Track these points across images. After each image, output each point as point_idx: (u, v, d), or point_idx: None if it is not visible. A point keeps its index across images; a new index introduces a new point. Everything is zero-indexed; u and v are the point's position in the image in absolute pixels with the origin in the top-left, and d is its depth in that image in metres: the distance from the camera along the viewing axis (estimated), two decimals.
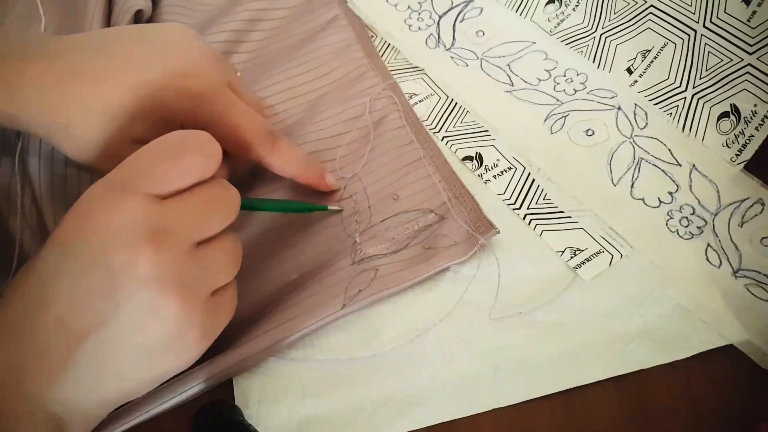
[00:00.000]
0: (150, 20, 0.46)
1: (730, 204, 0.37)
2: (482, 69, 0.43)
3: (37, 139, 0.39)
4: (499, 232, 0.35)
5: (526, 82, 0.43)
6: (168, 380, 0.31)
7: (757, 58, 0.38)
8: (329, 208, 0.37)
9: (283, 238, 0.36)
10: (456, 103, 0.42)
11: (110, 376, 0.26)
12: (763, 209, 0.36)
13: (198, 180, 0.27)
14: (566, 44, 0.44)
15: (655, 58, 0.41)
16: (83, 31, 0.41)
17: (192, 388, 0.31)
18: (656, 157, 0.39)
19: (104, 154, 0.32)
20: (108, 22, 0.45)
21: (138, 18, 0.45)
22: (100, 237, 0.25)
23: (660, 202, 0.37)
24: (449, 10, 0.46)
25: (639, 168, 0.38)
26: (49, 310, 0.25)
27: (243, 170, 0.38)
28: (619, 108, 0.41)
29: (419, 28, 0.46)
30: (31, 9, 0.43)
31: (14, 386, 0.24)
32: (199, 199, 0.27)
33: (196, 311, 0.26)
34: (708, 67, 0.39)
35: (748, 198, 0.37)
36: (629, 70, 0.42)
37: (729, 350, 0.33)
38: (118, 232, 0.24)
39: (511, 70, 0.43)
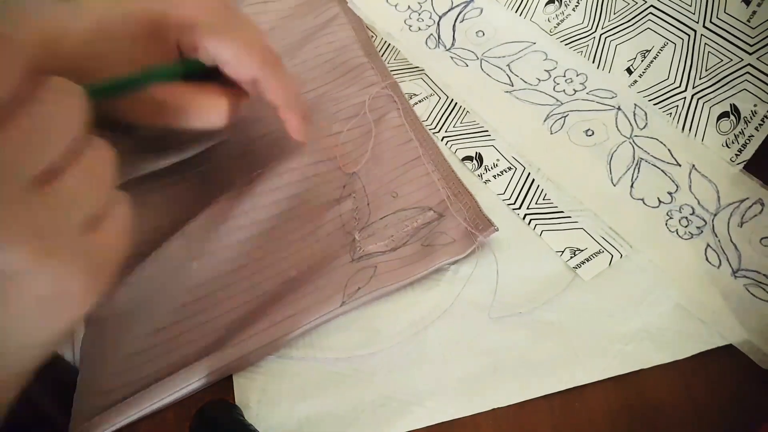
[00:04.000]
0: None
1: (730, 204, 0.37)
2: (482, 69, 0.43)
3: None
4: (497, 230, 0.35)
5: (525, 82, 0.43)
6: (167, 376, 0.31)
7: (757, 58, 0.38)
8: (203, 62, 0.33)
9: (282, 236, 0.37)
10: (456, 104, 0.42)
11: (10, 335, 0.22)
12: (762, 209, 0.36)
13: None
14: (566, 44, 0.44)
15: (654, 58, 0.41)
16: None
17: (192, 384, 0.31)
18: (656, 157, 0.39)
19: (92, 68, 0.30)
20: None
21: None
22: None
23: (659, 202, 0.37)
24: (449, 10, 0.47)
25: (638, 168, 0.38)
26: None
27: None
28: (618, 108, 0.41)
29: (419, 29, 0.46)
30: None
31: None
32: (21, 122, 0.21)
33: (60, 255, 0.21)
34: (708, 67, 0.39)
35: (747, 198, 0.37)
36: (629, 70, 0.42)
37: (729, 350, 0.33)
38: None
39: (511, 71, 0.43)
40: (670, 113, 0.40)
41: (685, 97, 0.40)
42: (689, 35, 0.40)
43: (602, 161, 0.39)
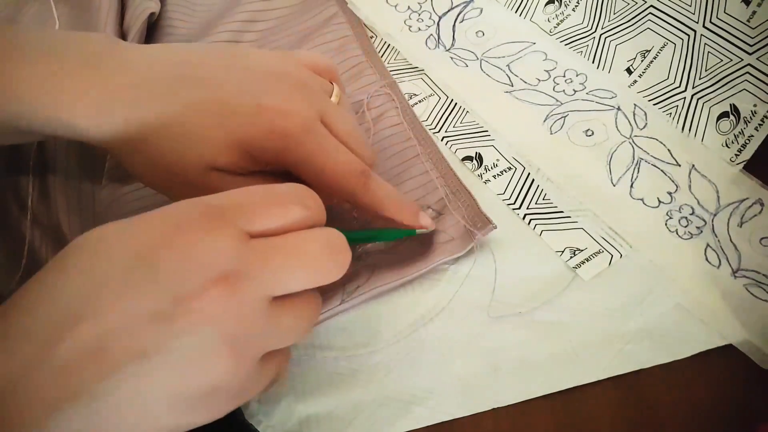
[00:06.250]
0: (156, 21, 0.47)
1: (730, 204, 0.37)
2: (482, 69, 0.43)
3: (52, 142, 0.40)
4: (495, 227, 0.35)
5: (525, 82, 0.43)
6: None
7: (757, 58, 0.38)
8: (417, 232, 0.34)
9: None
10: (456, 104, 0.42)
11: (129, 419, 0.21)
12: (762, 209, 0.36)
13: (295, 222, 0.24)
14: (566, 44, 0.44)
15: (654, 58, 0.41)
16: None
17: None
18: (655, 158, 0.39)
19: (178, 178, 0.30)
20: (121, 24, 0.45)
21: (148, 20, 0.45)
22: (178, 258, 0.22)
23: (659, 202, 0.37)
24: (449, 10, 0.47)
25: (638, 168, 0.38)
26: (86, 324, 0.20)
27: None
28: (618, 108, 0.41)
29: (419, 29, 0.46)
30: (44, 11, 0.43)
31: (13, 406, 0.20)
32: (290, 245, 0.24)
33: (240, 372, 0.23)
34: (708, 67, 0.39)
35: (747, 198, 0.37)
36: (629, 71, 0.42)
37: (729, 350, 0.33)
38: (197, 260, 0.22)
39: (510, 71, 0.43)
40: (670, 113, 0.40)
41: (684, 97, 0.40)
42: (689, 35, 0.40)
43: (602, 161, 0.39)
